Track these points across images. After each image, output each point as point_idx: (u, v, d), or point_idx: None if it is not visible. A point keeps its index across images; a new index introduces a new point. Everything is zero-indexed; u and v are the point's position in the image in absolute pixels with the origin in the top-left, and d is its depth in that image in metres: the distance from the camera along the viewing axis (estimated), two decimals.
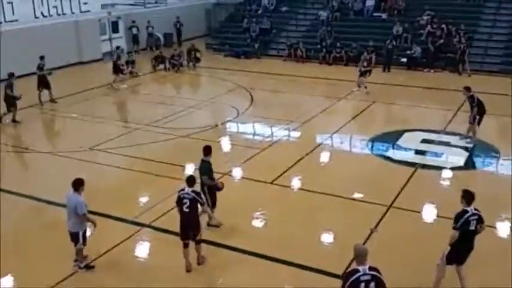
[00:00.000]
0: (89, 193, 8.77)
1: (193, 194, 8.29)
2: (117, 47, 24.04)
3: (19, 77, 17.32)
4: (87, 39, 24.97)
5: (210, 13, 32.08)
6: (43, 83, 17.94)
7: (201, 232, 8.52)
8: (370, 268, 5.84)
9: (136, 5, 27.01)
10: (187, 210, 8.25)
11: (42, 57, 18.03)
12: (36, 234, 9.82)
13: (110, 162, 13.18)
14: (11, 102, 16.08)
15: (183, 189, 8.37)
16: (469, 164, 13.28)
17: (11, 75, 16.27)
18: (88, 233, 8.56)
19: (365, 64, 19.97)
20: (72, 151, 13.83)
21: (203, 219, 8.99)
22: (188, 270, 8.47)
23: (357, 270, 5.83)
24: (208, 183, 9.49)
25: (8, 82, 16.21)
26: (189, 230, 8.36)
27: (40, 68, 17.88)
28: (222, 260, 8.96)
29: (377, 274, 5.81)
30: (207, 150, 9.57)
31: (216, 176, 11.99)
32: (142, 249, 9.42)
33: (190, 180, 8.46)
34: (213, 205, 9.60)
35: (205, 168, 9.53)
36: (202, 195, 8.75)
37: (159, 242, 9.61)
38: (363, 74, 19.63)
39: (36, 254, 9.06)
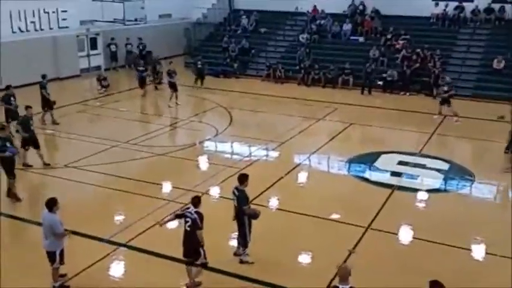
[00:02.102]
0: (64, 211, 8.65)
1: (196, 216, 8.15)
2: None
3: None
4: (64, 55, 24.77)
5: (190, 32, 32.22)
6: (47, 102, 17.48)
7: (201, 257, 8.29)
8: None
9: (116, 22, 26.94)
10: (188, 229, 8.20)
11: (43, 76, 17.64)
12: (9, 251, 9.55)
13: (85, 180, 12.96)
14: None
15: (188, 208, 8.35)
16: (444, 187, 13.49)
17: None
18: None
19: (445, 89, 19.14)
20: (47, 168, 13.58)
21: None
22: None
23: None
24: (250, 213, 9.13)
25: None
26: (188, 249, 8.29)
27: (43, 87, 17.35)
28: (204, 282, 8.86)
29: None
30: (244, 178, 9.20)
31: (194, 195, 12.01)
32: (117, 269, 9.26)
33: (196, 201, 8.34)
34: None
35: (246, 198, 9.14)
36: (245, 225, 9.02)
37: (135, 261, 9.46)
38: (445, 101, 18.91)
39: (8, 272, 8.80)
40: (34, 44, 23.08)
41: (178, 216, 8.53)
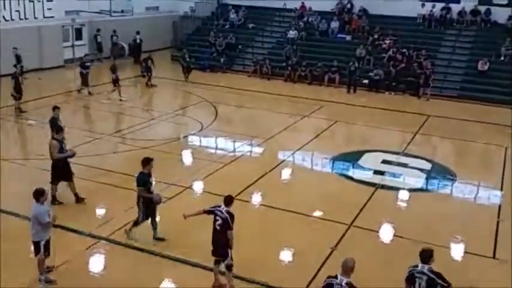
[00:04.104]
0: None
1: (227, 215, 7.96)
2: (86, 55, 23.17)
3: None
4: (49, 45, 24.44)
5: (177, 25, 32.00)
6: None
7: (229, 258, 8.10)
8: (348, 283, 6.25)
9: (102, 14, 26.63)
10: (218, 227, 8.02)
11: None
12: None
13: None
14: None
15: (219, 206, 8.11)
16: (426, 186, 13.60)
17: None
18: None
19: None
20: (29, 159, 13.40)
21: None
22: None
23: (335, 277, 6.35)
24: (144, 195, 9.39)
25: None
26: (217, 247, 8.11)
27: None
28: (182, 276, 8.81)
29: None
30: (145, 162, 9.54)
31: (177, 189, 11.97)
32: (98, 263, 9.18)
33: (228, 200, 8.14)
34: (147, 218, 9.55)
35: (142, 180, 9.41)
36: (139, 206, 9.17)
37: (117, 255, 9.40)
38: None
39: None
40: (18, 34, 22.71)
41: (206, 212, 8.26)
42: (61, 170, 11.03)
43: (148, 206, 9.49)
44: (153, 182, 9.79)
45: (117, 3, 26.46)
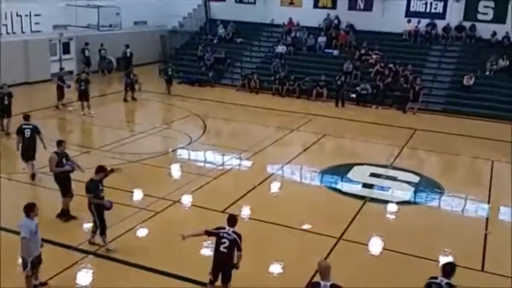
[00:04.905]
0: None
1: (235, 236, 7.77)
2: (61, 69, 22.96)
3: None
4: (36, 59, 24.32)
5: (165, 40, 32.07)
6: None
7: (230, 281, 7.99)
8: (332, 285, 6.06)
9: (90, 28, 26.63)
10: (224, 250, 7.76)
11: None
12: None
13: (54, 186, 12.62)
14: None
15: (223, 228, 7.88)
16: (414, 199, 13.67)
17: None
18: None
19: None
20: (14, 173, 13.25)
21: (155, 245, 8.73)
22: None
23: (319, 284, 6.09)
24: (94, 202, 9.47)
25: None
26: (222, 270, 7.90)
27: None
28: None
29: None
30: (98, 169, 9.71)
31: (166, 203, 11.90)
32: (85, 277, 9.04)
33: (232, 220, 7.96)
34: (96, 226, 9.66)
35: (91, 187, 9.51)
36: (93, 213, 9.31)
37: (104, 270, 9.26)
38: None
39: None
40: (5, 47, 22.58)
41: (208, 234, 8.00)
42: (62, 184, 10.88)
43: (98, 211, 9.56)
44: (103, 189, 9.83)
45: (105, 18, 26.46)
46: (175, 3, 30.65)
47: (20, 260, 8.01)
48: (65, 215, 10.98)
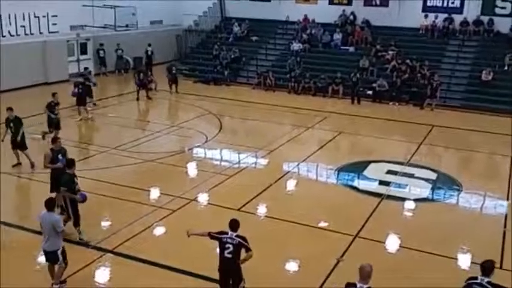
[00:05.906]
0: None
1: (239, 239, 7.62)
2: (85, 68, 23.47)
3: None
4: (54, 59, 24.64)
5: (181, 39, 32.22)
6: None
7: (243, 281, 7.80)
8: None
9: (107, 28, 26.88)
10: (229, 255, 7.62)
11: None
12: None
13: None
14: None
15: (225, 233, 7.69)
16: (432, 196, 13.55)
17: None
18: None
19: None
20: (33, 172, 13.46)
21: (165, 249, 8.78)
22: None
23: (355, 285, 6.18)
24: (67, 196, 9.70)
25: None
26: (229, 277, 7.76)
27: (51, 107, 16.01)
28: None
29: None
30: (70, 163, 10.00)
31: (182, 201, 11.98)
32: (103, 276, 9.16)
33: (234, 225, 7.75)
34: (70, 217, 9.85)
35: (66, 180, 9.75)
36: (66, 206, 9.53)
37: (122, 268, 9.37)
38: None
39: None
40: (23, 49, 22.94)
41: (211, 236, 7.82)
42: (55, 181, 10.94)
43: (72, 204, 9.79)
44: (78, 182, 10.04)
45: (121, 18, 26.67)
46: (191, 2, 30.78)
47: (59, 252, 8.28)
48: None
